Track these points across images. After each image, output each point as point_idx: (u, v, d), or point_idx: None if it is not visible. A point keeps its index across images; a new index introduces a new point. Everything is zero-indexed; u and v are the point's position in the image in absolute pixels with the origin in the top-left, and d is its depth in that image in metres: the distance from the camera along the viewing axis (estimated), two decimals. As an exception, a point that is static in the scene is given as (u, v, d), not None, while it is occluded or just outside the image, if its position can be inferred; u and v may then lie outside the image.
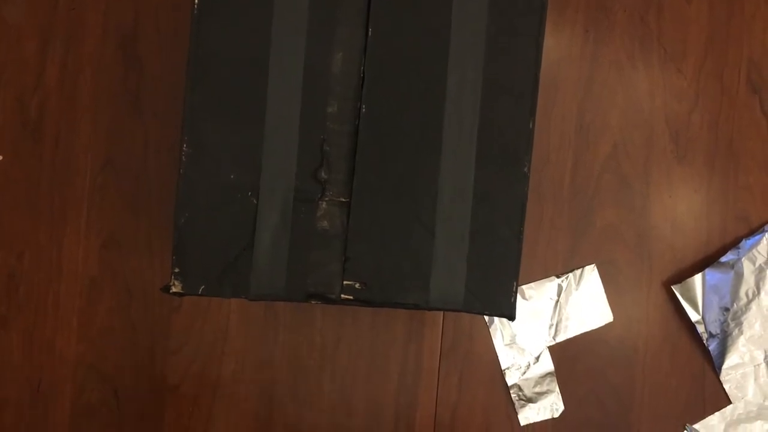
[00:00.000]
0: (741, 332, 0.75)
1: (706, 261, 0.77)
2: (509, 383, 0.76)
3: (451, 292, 0.55)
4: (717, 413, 0.76)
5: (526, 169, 0.55)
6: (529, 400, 0.76)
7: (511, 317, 0.55)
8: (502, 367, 0.76)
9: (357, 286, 0.55)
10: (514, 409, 0.76)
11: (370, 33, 0.54)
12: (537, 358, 0.76)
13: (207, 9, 0.54)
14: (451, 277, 0.55)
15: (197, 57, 0.54)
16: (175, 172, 0.78)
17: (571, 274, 0.77)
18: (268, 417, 0.77)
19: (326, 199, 0.55)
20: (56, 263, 0.78)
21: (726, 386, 0.75)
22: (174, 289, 0.55)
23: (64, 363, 0.78)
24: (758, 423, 0.75)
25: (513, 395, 0.76)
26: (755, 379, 0.75)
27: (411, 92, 0.55)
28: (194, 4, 0.54)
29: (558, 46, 0.78)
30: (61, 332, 0.78)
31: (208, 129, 0.54)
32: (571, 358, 0.77)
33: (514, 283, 0.55)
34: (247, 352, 0.77)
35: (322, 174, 0.55)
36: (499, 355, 0.76)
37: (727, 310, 0.75)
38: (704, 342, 0.75)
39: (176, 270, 0.54)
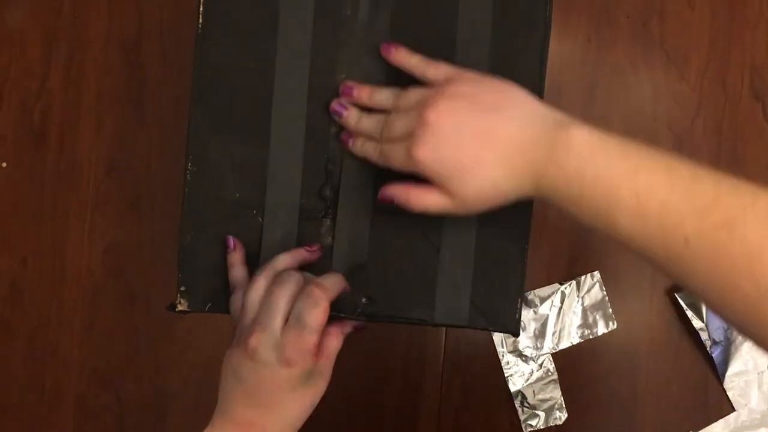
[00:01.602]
0: (744, 339, 0.75)
1: (710, 268, 0.77)
2: (512, 390, 0.76)
3: (455, 307, 0.55)
4: (721, 420, 0.75)
5: None
6: (533, 408, 0.76)
7: (516, 334, 0.55)
8: (505, 375, 0.76)
9: (363, 300, 0.55)
10: (517, 416, 0.76)
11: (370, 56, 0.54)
12: (540, 366, 0.76)
13: (211, 28, 0.54)
14: (456, 292, 0.55)
15: (201, 76, 0.54)
16: (179, 178, 0.78)
17: (574, 281, 0.77)
18: (271, 423, 0.77)
19: (330, 216, 0.55)
20: (60, 268, 0.78)
21: (729, 394, 0.75)
22: (180, 308, 0.55)
23: (67, 368, 0.78)
24: (762, 430, 0.75)
25: (516, 403, 0.76)
26: (759, 387, 0.75)
27: None
28: (198, 23, 0.54)
29: (561, 53, 0.78)
30: (65, 337, 0.78)
31: (212, 147, 0.54)
32: (574, 365, 0.77)
33: (519, 300, 0.55)
34: (250, 359, 0.77)
35: (327, 192, 0.55)
36: (502, 362, 0.76)
37: (730, 317, 0.75)
38: (708, 349, 0.75)
39: (182, 288, 0.54)
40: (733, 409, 0.75)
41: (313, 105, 0.54)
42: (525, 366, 0.76)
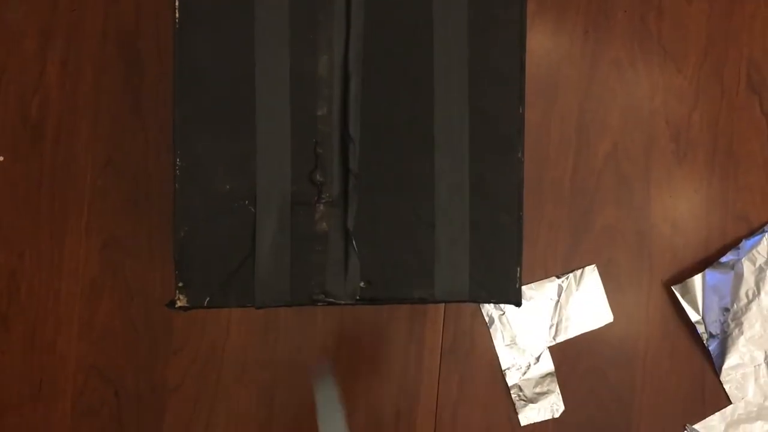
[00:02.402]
0: (741, 332, 0.75)
1: (707, 261, 0.77)
2: (510, 383, 0.76)
3: (455, 283, 0.55)
4: (717, 413, 0.76)
5: (520, 155, 0.55)
6: (530, 401, 0.76)
7: (518, 303, 0.55)
8: (503, 368, 0.76)
9: (362, 284, 0.55)
10: (515, 409, 0.76)
11: (351, 33, 0.54)
12: (537, 359, 0.76)
13: (188, 22, 0.54)
14: (454, 268, 0.55)
15: (182, 70, 0.54)
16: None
17: (571, 275, 0.77)
18: (269, 418, 0.77)
19: (323, 201, 0.55)
20: (57, 263, 0.78)
21: (726, 386, 0.75)
22: (179, 303, 0.54)
23: (64, 363, 0.78)
24: (758, 423, 0.75)
25: (513, 395, 0.76)
26: (755, 380, 0.75)
27: (398, 88, 0.55)
28: (175, 18, 0.54)
29: (558, 47, 0.78)
30: (62, 332, 0.78)
31: (199, 141, 0.54)
32: (571, 359, 0.77)
33: (518, 269, 0.55)
34: (248, 353, 0.77)
35: (318, 177, 0.55)
36: (499, 355, 0.76)
37: (727, 310, 0.75)
38: (704, 342, 0.75)
39: (180, 284, 0.54)
40: (729, 402, 0.76)
41: (297, 90, 0.54)
42: (522, 359, 0.76)
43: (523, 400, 0.76)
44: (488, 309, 0.77)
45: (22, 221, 0.79)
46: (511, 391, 0.76)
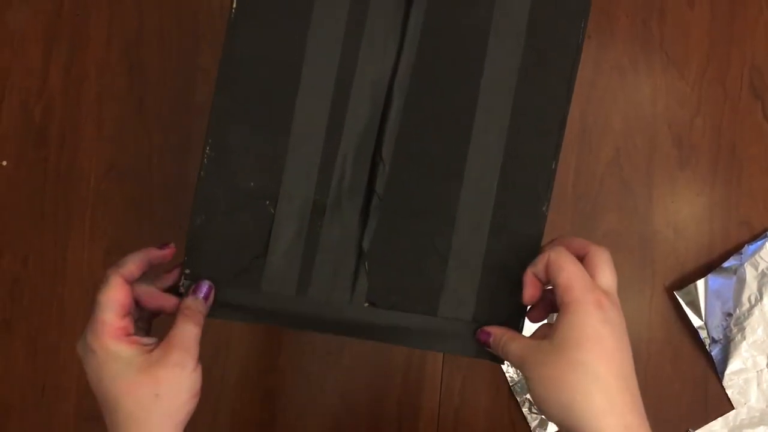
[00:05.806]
0: (744, 338, 0.75)
1: (709, 266, 0.77)
2: (519, 400, 0.76)
3: (456, 323, 0.55)
4: (720, 419, 0.76)
5: (544, 209, 0.54)
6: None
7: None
8: (510, 384, 0.76)
9: (365, 305, 0.54)
10: (518, 414, 0.76)
11: (402, 56, 0.54)
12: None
13: (244, 14, 0.53)
14: (458, 307, 0.54)
15: (230, 61, 0.53)
16: (180, 178, 0.78)
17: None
18: (272, 422, 0.77)
19: (343, 216, 0.55)
20: (61, 268, 0.79)
21: (729, 392, 0.75)
22: (182, 290, 0.54)
23: (68, 368, 0.78)
24: (761, 428, 0.75)
25: (525, 411, 0.75)
26: (758, 385, 0.75)
27: (438, 119, 0.54)
28: (232, 7, 0.53)
29: (561, 52, 0.78)
30: (66, 337, 0.78)
31: (233, 134, 0.53)
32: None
33: (521, 322, 0.55)
34: (251, 358, 0.77)
35: (342, 191, 0.54)
36: (505, 371, 0.76)
37: (729, 315, 0.75)
38: (707, 347, 0.75)
39: (187, 271, 0.54)
40: (732, 407, 0.76)
41: (338, 100, 0.54)
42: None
43: (535, 413, 0.75)
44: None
45: (26, 226, 0.79)
46: (523, 408, 0.76)
